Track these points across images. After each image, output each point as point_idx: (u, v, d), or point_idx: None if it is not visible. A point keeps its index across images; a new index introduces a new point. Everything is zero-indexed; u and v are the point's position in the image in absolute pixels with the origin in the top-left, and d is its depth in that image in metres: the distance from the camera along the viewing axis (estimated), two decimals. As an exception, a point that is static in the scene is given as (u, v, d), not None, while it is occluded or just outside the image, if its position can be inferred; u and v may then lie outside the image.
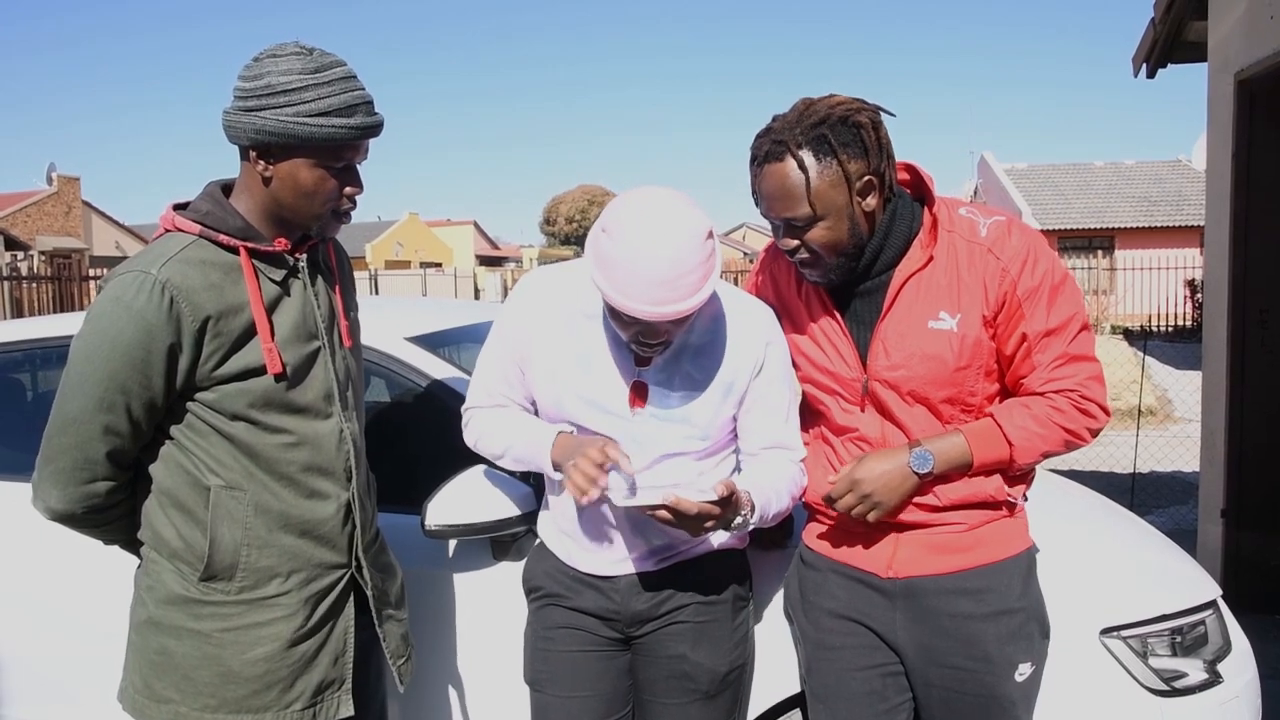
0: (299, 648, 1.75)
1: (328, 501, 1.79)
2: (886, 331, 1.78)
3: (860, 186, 1.70)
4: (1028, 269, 1.72)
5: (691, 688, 1.88)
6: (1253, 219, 4.15)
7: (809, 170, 1.67)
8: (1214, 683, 2.11)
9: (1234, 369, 4.23)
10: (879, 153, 1.70)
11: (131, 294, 1.60)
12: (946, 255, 1.75)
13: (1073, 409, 1.75)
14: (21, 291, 15.37)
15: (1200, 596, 2.25)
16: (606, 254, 1.64)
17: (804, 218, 1.69)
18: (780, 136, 1.69)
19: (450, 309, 3.25)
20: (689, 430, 1.82)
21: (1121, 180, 26.57)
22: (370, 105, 1.69)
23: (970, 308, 1.73)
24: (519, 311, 1.88)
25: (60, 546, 2.50)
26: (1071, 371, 1.75)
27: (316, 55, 1.65)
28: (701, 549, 1.89)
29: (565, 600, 1.92)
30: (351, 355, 1.89)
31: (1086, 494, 2.92)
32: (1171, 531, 4.67)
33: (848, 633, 1.88)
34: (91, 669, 2.49)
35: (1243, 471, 4.22)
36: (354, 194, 1.75)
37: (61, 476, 1.68)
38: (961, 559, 1.82)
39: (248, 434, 1.70)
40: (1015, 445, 1.76)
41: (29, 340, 2.97)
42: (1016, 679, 1.81)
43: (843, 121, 1.68)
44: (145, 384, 1.63)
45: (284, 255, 1.75)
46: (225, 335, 1.66)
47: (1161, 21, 4.81)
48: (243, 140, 1.66)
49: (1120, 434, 7.54)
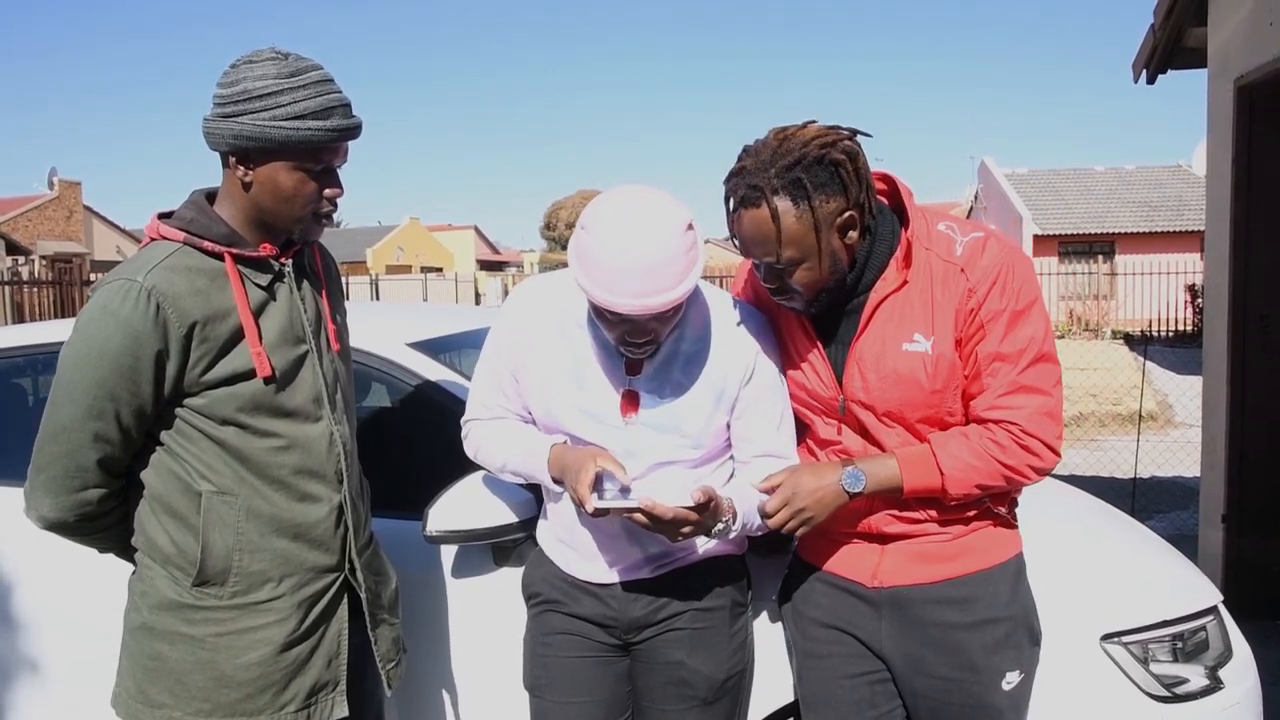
0: (292, 651, 1.76)
1: (319, 504, 1.79)
2: (861, 353, 1.76)
3: (841, 223, 1.66)
4: (995, 290, 1.67)
5: (689, 694, 1.88)
6: (1253, 224, 4.16)
7: (785, 216, 1.63)
8: (1215, 689, 2.11)
9: (1234, 374, 4.24)
10: (857, 184, 1.65)
11: (118, 302, 1.61)
12: (922, 276, 1.72)
13: (1013, 444, 1.69)
14: (22, 296, 15.38)
15: (1201, 602, 2.25)
16: (587, 251, 1.64)
17: (785, 261, 1.66)
18: (755, 181, 1.64)
19: (451, 314, 3.25)
20: (681, 438, 1.81)
21: (1122, 185, 26.60)
22: (348, 108, 1.70)
23: (943, 329, 1.70)
24: (511, 322, 1.89)
25: (57, 551, 2.50)
26: (1019, 403, 1.68)
27: (292, 60, 1.66)
28: (698, 556, 1.89)
29: (563, 606, 1.92)
30: (340, 358, 1.89)
31: (1086, 499, 2.91)
32: (1172, 537, 4.66)
33: (834, 641, 1.87)
34: (86, 673, 2.49)
35: (1244, 476, 4.22)
36: (334, 196, 1.75)
37: (53, 485, 1.69)
38: (946, 568, 1.80)
39: (237, 438, 1.70)
40: (947, 475, 1.70)
41: (30, 346, 2.97)
42: (1004, 688, 1.79)
43: (819, 162, 1.62)
44: (134, 391, 1.64)
45: (269, 260, 1.75)
46: (212, 340, 1.66)
47: (1161, 27, 4.81)
48: (222, 146, 1.67)
49: (1121, 439, 7.53)
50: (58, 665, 2.58)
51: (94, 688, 2.45)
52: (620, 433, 1.81)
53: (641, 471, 1.80)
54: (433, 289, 29.43)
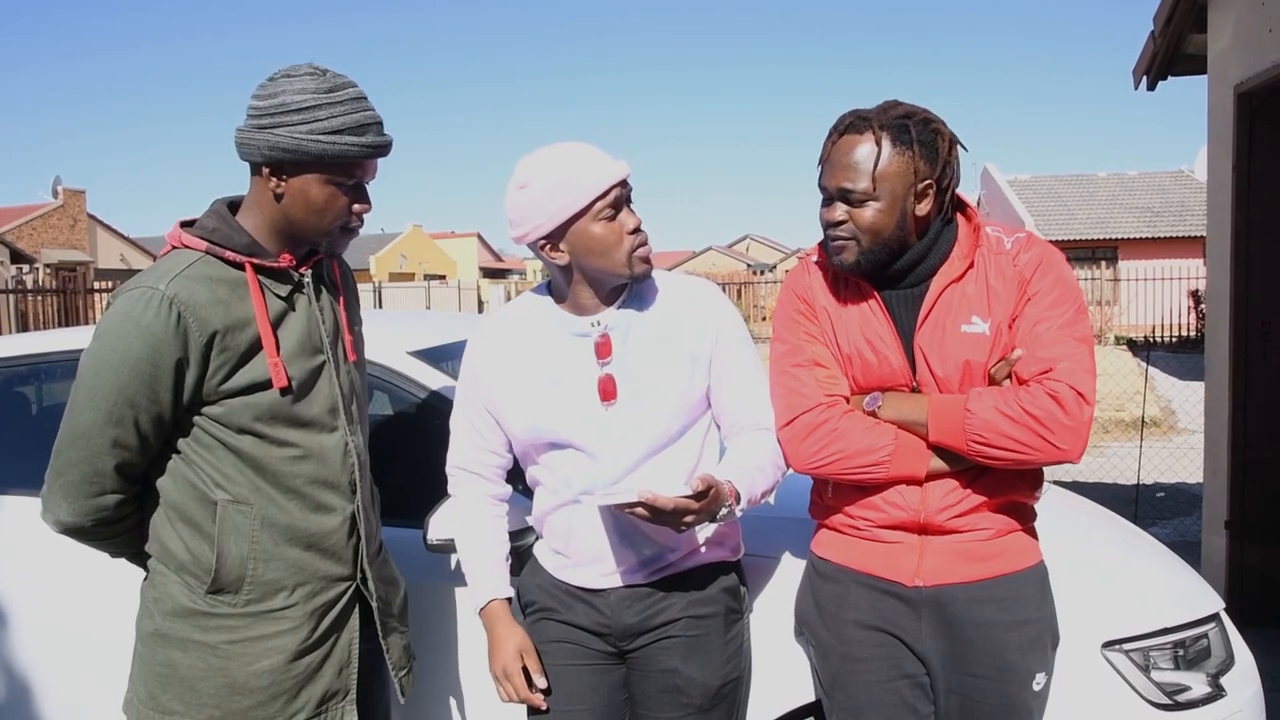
0: (304, 659, 1.77)
1: (333, 514, 1.81)
2: (924, 337, 1.82)
3: (920, 188, 1.77)
4: (1039, 273, 1.80)
5: (684, 701, 1.88)
6: (1254, 230, 4.16)
7: (882, 150, 1.75)
8: (1217, 696, 2.11)
9: (1236, 380, 4.23)
10: (945, 167, 1.78)
11: (140, 309, 1.63)
12: (979, 266, 1.83)
13: (1042, 393, 1.72)
14: (27, 304, 15.42)
15: (1203, 609, 2.24)
16: (542, 186, 1.77)
17: (861, 193, 1.76)
18: (866, 114, 1.78)
19: (453, 323, 3.25)
20: (663, 412, 1.84)
21: (1124, 191, 26.58)
22: (380, 126, 1.74)
23: (999, 312, 1.80)
24: (476, 361, 1.95)
25: (68, 558, 2.50)
26: (1055, 354, 1.74)
27: (330, 76, 1.69)
28: (692, 562, 1.90)
29: (558, 614, 1.93)
30: (356, 369, 1.91)
31: (1088, 506, 2.91)
32: (1175, 544, 4.66)
33: (876, 644, 1.88)
34: (98, 679, 2.50)
35: (1247, 483, 4.22)
36: (363, 211, 1.78)
37: (71, 489, 1.70)
38: (985, 567, 1.84)
39: (254, 447, 1.72)
40: (972, 411, 1.73)
41: (34, 355, 2.98)
42: (1034, 688, 1.83)
43: (926, 124, 1.77)
44: (153, 398, 1.65)
45: (289, 271, 1.78)
46: (232, 350, 1.68)
47: (1161, 34, 4.82)
48: (256, 157, 1.69)
49: (1123, 445, 7.52)
50: (68, 671, 2.58)
51: (105, 691, 2.45)
52: (604, 420, 1.84)
53: (634, 461, 1.83)
54: (436, 296, 29.46)
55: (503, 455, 1.99)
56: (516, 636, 1.91)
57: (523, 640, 1.91)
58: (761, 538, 2.18)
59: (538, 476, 1.94)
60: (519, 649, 1.89)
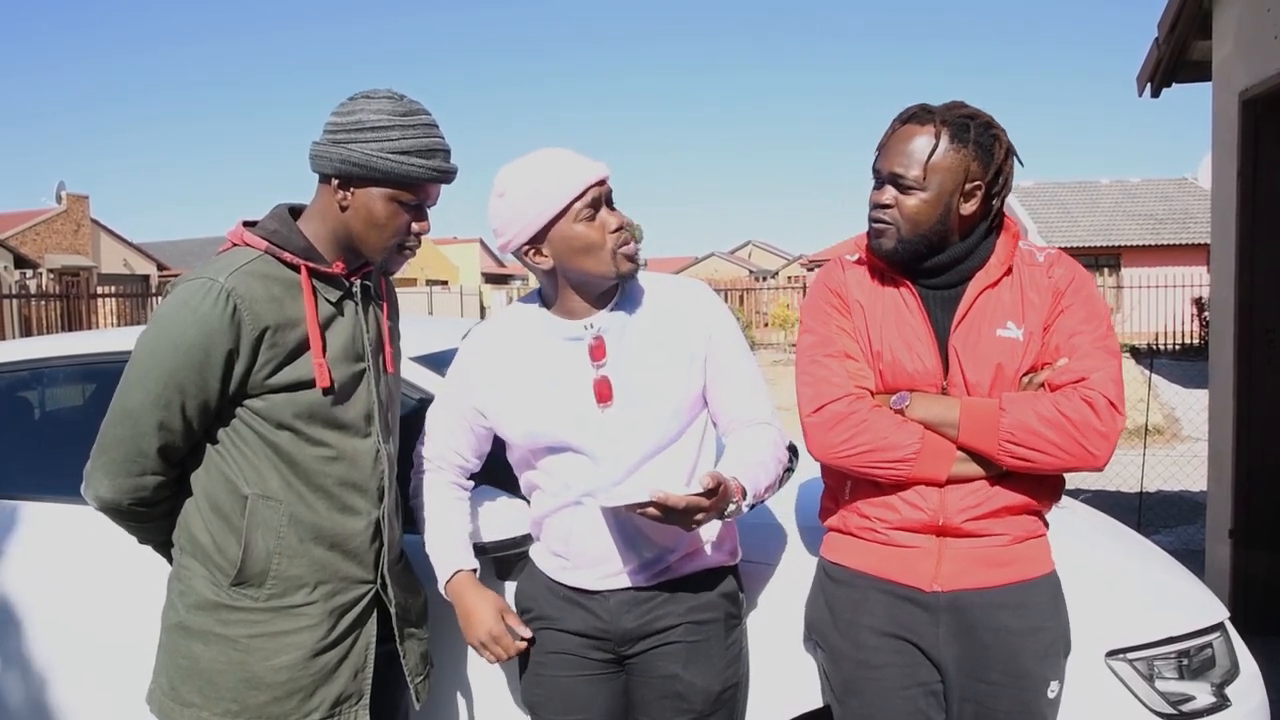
0: (321, 658, 1.82)
1: (359, 517, 1.86)
2: (959, 339, 1.83)
3: (969, 188, 1.80)
4: (1072, 288, 1.84)
5: (685, 707, 1.88)
6: (1258, 238, 4.15)
7: (939, 143, 1.78)
8: (1222, 706, 2.10)
9: (1241, 388, 4.22)
10: (997, 174, 1.82)
11: (198, 299, 1.70)
12: (1014, 274, 1.86)
13: (1078, 399, 1.75)
14: (30, 309, 15.46)
15: (1208, 618, 2.23)
16: (520, 192, 1.79)
17: (911, 180, 1.79)
18: (931, 108, 1.83)
19: (455, 328, 3.25)
20: (661, 412, 1.84)
21: (1128, 198, 26.57)
22: (448, 154, 1.82)
23: (1033, 320, 1.83)
24: (467, 368, 1.96)
25: (81, 560, 2.50)
26: (1088, 366, 1.78)
27: (406, 101, 1.78)
28: (691, 566, 1.90)
29: (556, 622, 1.93)
30: (393, 381, 1.97)
31: (1092, 514, 2.90)
32: (1179, 552, 4.64)
33: (894, 650, 1.87)
34: (100, 681, 2.50)
35: (1251, 491, 4.20)
36: (421, 231, 1.85)
37: (114, 467, 1.76)
38: (1002, 573, 1.84)
39: (290, 444, 1.78)
40: (1006, 410, 1.76)
41: (37, 360, 2.98)
42: (1049, 695, 1.84)
43: (987, 127, 1.81)
44: (201, 385, 1.72)
45: (341, 278, 1.85)
46: (280, 346, 1.75)
47: (1165, 41, 4.82)
48: (327, 169, 1.77)
49: (1127, 453, 7.50)
50: (72, 674, 2.58)
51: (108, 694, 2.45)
52: (600, 422, 1.84)
53: (633, 465, 1.83)
54: (438, 302, 29.49)
55: (469, 461, 2.02)
56: (490, 598, 1.93)
57: (498, 600, 1.93)
58: (754, 544, 2.16)
59: (536, 481, 1.94)
60: (498, 609, 1.91)
